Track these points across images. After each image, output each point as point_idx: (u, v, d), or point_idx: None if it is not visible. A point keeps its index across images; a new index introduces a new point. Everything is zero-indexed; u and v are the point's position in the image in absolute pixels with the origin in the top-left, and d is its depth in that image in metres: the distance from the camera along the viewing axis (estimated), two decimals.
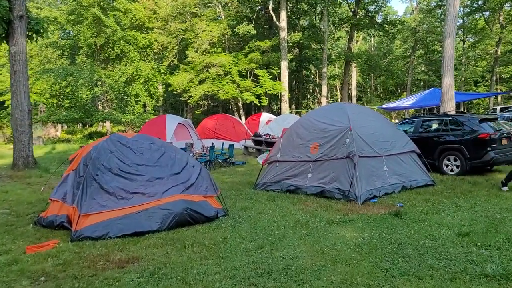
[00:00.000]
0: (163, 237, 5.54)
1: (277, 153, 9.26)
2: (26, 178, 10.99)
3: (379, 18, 38.22)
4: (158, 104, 35.19)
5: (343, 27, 41.16)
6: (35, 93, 33.77)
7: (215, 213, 6.54)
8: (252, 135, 18.67)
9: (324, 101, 34.49)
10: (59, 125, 35.46)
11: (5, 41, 12.37)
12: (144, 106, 32.66)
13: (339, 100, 48.39)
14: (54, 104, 32.16)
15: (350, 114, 8.58)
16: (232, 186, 9.81)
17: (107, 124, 33.73)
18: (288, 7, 34.04)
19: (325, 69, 34.57)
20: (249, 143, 18.08)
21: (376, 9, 37.09)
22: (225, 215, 6.71)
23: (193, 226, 6.12)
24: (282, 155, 9.13)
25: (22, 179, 10.94)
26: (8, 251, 5.00)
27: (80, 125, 40.72)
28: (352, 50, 37.19)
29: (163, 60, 34.39)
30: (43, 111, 36.63)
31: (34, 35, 12.98)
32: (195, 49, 31.16)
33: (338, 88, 52.35)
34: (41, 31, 13.01)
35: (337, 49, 48.14)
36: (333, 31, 42.90)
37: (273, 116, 24.00)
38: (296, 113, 37.26)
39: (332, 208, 7.16)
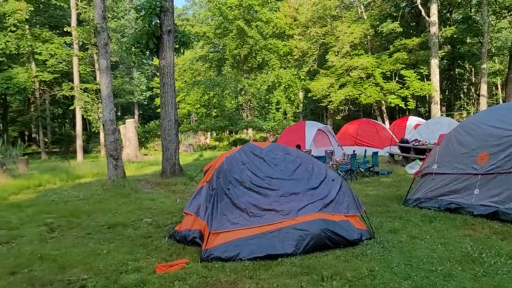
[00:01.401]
0: (298, 264, 4.80)
1: (433, 163, 7.83)
2: (172, 186, 11.46)
3: None
4: (298, 111, 35.24)
5: (506, 16, 35.69)
6: (188, 104, 37.01)
7: (358, 236, 5.58)
8: (398, 141, 17.00)
9: (483, 102, 30.21)
10: (208, 133, 38.00)
11: (156, 55, 13.29)
12: (285, 112, 32.97)
13: (500, 100, 42.18)
14: (203, 114, 34.69)
15: None
16: (377, 201, 8.66)
17: (250, 131, 34.93)
18: (439, 1, 30.86)
19: (484, 65, 30.31)
20: (395, 150, 16.45)
21: None
22: (370, 239, 5.72)
23: (332, 250, 5.28)
24: (440, 166, 7.69)
25: (169, 186, 11.44)
26: (139, 268, 4.82)
27: (227, 132, 43.10)
28: None
29: (303, 66, 34.32)
30: (195, 120, 39.87)
31: (181, 48, 13.70)
32: (336, 52, 30.36)
33: (499, 87, 45.73)
34: (188, 42, 13.68)
35: (497, 42, 42.02)
36: (492, 22, 37.47)
37: (422, 120, 21.62)
38: (447, 115, 33.51)
39: None
